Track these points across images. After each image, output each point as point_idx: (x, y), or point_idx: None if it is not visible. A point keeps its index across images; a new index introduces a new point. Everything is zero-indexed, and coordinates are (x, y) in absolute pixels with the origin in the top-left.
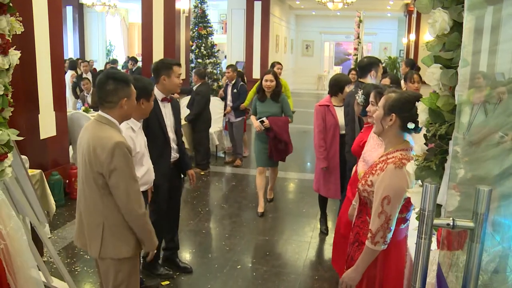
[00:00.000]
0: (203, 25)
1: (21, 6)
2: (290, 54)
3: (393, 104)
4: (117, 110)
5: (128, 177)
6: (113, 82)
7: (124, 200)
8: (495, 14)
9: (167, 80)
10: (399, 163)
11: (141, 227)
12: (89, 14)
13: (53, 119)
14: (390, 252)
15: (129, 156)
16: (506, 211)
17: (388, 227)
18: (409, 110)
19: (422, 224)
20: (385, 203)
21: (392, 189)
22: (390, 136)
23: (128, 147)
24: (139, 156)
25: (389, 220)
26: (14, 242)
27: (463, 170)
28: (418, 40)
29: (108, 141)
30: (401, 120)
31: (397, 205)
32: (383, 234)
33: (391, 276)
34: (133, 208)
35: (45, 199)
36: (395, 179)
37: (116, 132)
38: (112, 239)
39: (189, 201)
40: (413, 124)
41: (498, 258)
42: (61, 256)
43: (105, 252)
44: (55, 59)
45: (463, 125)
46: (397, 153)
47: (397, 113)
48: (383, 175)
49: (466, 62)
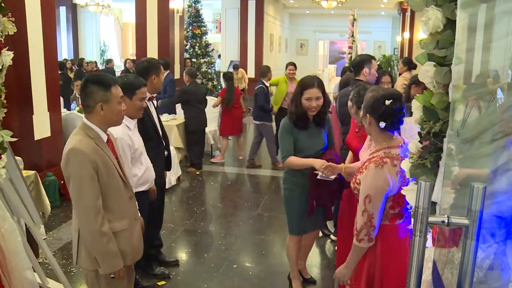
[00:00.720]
0: (197, 25)
1: (14, 6)
2: (284, 53)
3: (366, 105)
4: (94, 115)
5: (80, 188)
6: (91, 85)
7: (76, 212)
8: (488, 12)
9: (157, 79)
10: (379, 162)
11: (93, 246)
12: (82, 14)
13: (47, 120)
14: (391, 251)
15: (85, 165)
16: (501, 208)
17: (371, 225)
18: (378, 109)
19: (417, 222)
20: (367, 201)
21: (372, 188)
22: (374, 136)
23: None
24: (138, 153)
25: (372, 218)
26: (9, 243)
27: (457, 168)
28: (412, 38)
29: (66, 146)
30: (375, 119)
31: (377, 203)
32: (367, 231)
33: (391, 276)
34: (84, 222)
35: (40, 200)
36: (375, 179)
37: (83, 139)
38: (86, 249)
39: (185, 201)
40: (384, 123)
41: (493, 255)
42: (56, 257)
43: (81, 261)
44: (48, 59)
45: (457, 123)
46: (380, 151)
47: (370, 114)
48: (365, 174)
49: (459, 60)
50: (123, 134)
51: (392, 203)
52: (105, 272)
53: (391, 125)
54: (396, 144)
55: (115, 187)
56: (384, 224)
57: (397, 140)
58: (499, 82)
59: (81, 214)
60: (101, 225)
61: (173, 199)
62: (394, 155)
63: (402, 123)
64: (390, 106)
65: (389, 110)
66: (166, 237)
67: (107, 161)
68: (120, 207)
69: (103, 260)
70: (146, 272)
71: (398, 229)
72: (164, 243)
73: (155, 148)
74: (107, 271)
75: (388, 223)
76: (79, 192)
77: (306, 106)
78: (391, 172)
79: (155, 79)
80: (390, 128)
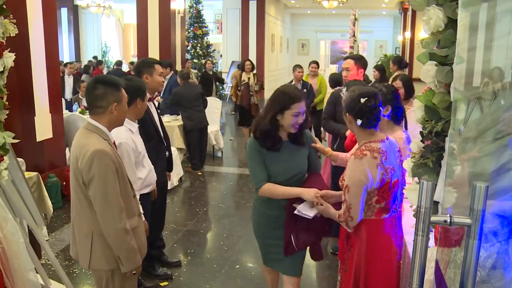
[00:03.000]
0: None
1: (15, 8)
2: (285, 53)
3: (344, 104)
4: (106, 115)
5: (106, 188)
6: (102, 86)
7: (101, 212)
8: (489, 11)
9: (149, 78)
10: (359, 154)
11: (118, 244)
12: (84, 16)
13: (49, 121)
14: (377, 245)
15: (109, 166)
16: (503, 207)
17: (349, 215)
18: (353, 107)
19: (419, 222)
20: (346, 191)
21: (351, 179)
22: (356, 133)
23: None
24: (141, 156)
25: (350, 209)
26: (11, 245)
27: (459, 167)
28: (413, 37)
29: (88, 149)
30: (353, 117)
31: (356, 195)
32: (345, 220)
33: (378, 268)
34: (110, 222)
35: (42, 202)
36: (353, 170)
37: (99, 140)
38: (102, 250)
39: (187, 202)
40: (360, 120)
41: (495, 254)
42: (59, 259)
43: (95, 264)
44: (50, 61)
45: (459, 122)
46: (363, 146)
47: (348, 112)
48: (348, 166)
49: (461, 59)
50: (127, 139)
51: (377, 197)
52: (128, 269)
53: (367, 122)
54: (377, 139)
55: (125, 186)
56: (370, 218)
57: (379, 135)
58: (501, 81)
59: (107, 214)
60: (125, 223)
61: (175, 200)
62: (374, 148)
63: (379, 119)
64: (365, 103)
65: (364, 108)
66: (168, 237)
67: (120, 162)
68: (130, 205)
69: (127, 257)
70: (148, 273)
71: (384, 223)
72: (167, 243)
73: (156, 149)
74: (130, 268)
75: (374, 217)
76: (105, 193)
77: (291, 123)
78: (370, 164)
79: (148, 78)
80: (367, 125)
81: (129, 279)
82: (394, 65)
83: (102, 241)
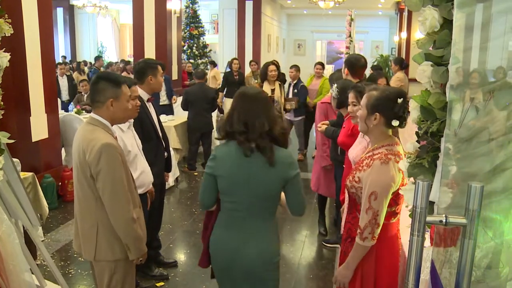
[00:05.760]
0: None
1: (11, 7)
2: (282, 53)
3: (376, 103)
4: (104, 110)
5: (115, 180)
6: (103, 81)
7: (109, 203)
8: (485, 11)
9: (153, 80)
10: (384, 159)
11: (127, 233)
12: (80, 16)
13: (45, 122)
14: (384, 248)
15: (117, 158)
16: (498, 207)
17: (376, 223)
18: (391, 107)
19: (415, 221)
20: (372, 199)
21: (379, 185)
22: (376, 134)
23: (119, 149)
24: (131, 156)
25: (377, 216)
26: (7, 245)
27: (455, 167)
28: (409, 38)
29: (95, 142)
30: (385, 118)
31: (384, 200)
32: (371, 229)
33: (385, 272)
34: (119, 212)
35: (38, 202)
36: (381, 175)
37: (105, 134)
38: (107, 240)
39: (183, 202)
40: (397, 121)
41: (490, 253)
42: (54, 259)
43: (100, 254)
44: (46, 61)
45: (454, 122)
46: (383, 148)
47: (381, 112)
48: (369, 171)
49: (457, 59)
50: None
51: (390, 201)
52: (135, 257)
53: (402, 123)
54: (397, 142)
55: (128, 178)
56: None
57: (395, 138)
58: (496, 81)
59: (116, 205)
60: (132, 213)
61: (171, 200)
62: (396, 152)
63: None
64: (402, 104)
65: (402, 108)
66: (165, 238)
67: (123, 154)
68: (133, 195)
69: (135, 245)
70: (144, 273)
71: (391, 226)
72: (163, 244)
73: (155, 149)
74: (137, 255)
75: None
76: (113, 185)
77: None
78: (395, 169)
79: (152, 80)
80: (401, 126)
81: (130, 273)
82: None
83: (107, 232)
